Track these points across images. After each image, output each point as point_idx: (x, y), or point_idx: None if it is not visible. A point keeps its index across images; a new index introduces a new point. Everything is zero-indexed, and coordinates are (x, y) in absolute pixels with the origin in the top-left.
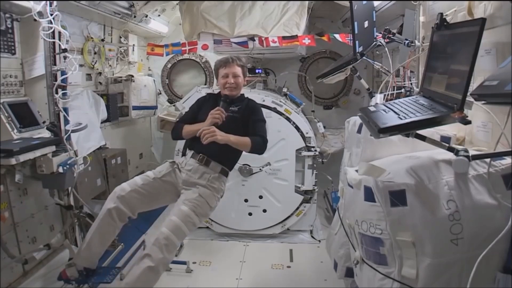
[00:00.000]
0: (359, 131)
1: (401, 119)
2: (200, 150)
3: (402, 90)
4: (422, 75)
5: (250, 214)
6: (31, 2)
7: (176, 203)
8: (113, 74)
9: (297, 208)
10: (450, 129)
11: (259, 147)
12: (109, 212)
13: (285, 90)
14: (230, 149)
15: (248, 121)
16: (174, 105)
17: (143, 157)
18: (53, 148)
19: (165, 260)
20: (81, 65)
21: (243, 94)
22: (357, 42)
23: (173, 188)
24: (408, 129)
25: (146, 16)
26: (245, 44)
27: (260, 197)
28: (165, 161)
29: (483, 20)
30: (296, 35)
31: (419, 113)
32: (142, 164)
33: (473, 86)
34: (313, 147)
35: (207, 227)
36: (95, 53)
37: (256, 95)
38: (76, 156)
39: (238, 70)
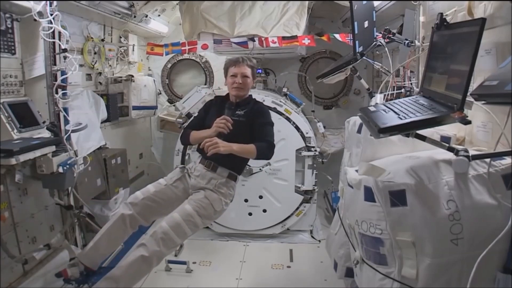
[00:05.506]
0: (359, 131)
1: (401, 119)
2: (207, 156)
3: (402, 90)
4: (422, 75)
5: (250, 214)
6: (31, 2)
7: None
8: (113, 74)
9: (297, 208)
10: (450, 129)
11: (265, 153)
12: (122, 217)
13: (285, 90)
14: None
15: (254, 125)
16: (174, 105)
17: (143, 157)
18: (53, 148)
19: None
20: (81, 65)
21: (250, 95)
22: (357, 42)
23: (185, 193)
24: (408, 129)
25: (146, 16)
26: (245, 44)
27: (260, 197)
28: (176, 167)
29: (483, 20)
30: (296, 35)
31: (419, 113)
32: (142, 164)
33: (473, 86)
34: (313, 147)
35: (207, 227)
36: (95, 53)
37: (256, 95)
38: (76, 156)
39: (248, 71)
